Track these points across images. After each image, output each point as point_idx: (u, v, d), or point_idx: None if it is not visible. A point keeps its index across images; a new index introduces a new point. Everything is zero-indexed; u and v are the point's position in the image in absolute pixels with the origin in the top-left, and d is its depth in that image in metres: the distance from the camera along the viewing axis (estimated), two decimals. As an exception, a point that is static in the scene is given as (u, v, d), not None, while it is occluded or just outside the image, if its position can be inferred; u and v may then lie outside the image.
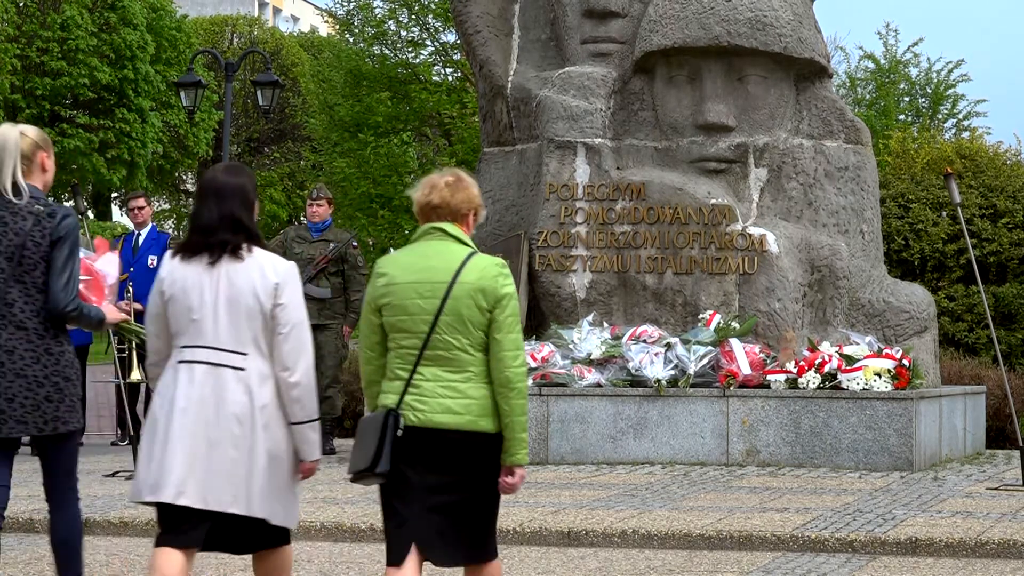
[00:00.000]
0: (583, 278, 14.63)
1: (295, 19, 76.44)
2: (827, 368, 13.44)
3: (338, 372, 15.17)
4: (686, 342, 13.90)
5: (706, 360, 13.75)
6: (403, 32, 34.66)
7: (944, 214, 20.92)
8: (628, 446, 13.67)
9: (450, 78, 35.20)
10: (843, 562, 9.42)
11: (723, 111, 14.62)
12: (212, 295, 6.25)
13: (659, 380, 13.62)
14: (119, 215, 51.58)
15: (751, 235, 14.35)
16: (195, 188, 14.91)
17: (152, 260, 15.13)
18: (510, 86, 15.32)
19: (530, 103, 15.05)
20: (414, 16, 34.19)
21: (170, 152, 44.61)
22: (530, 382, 13.22)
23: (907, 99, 38.92)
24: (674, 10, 14.52)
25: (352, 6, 34.94)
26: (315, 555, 9.57)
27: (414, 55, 34.75)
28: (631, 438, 13.66)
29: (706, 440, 13.58)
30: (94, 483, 12.33)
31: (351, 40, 35.68)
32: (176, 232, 50.84)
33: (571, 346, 14.07)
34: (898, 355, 13.60)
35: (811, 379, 13.43)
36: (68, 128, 39.23)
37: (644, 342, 13.96)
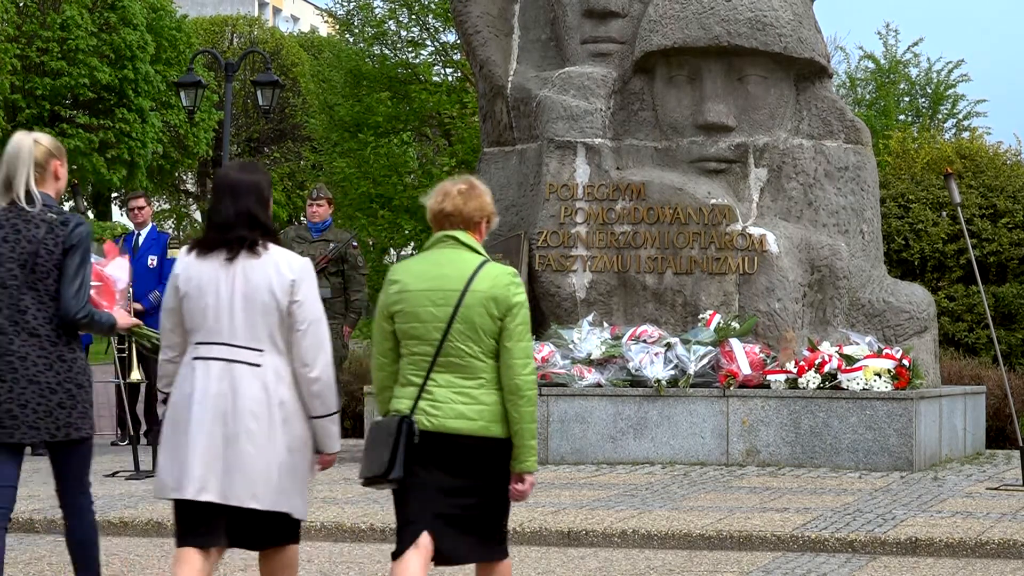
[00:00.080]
0: (583, 278, 14.63)
1: (295, 19, 76.43)
2: (827, 368, 13.44)
3: (338, 372, 15.16)
4: (686, 342, 13.90)
5: (706, 360, 13.75)
6: (403, 32, 34.61)
7: (944, 214, 20.92)
8: (628, 446, 13.67)
9: (450, 78, 35.16)
10: (843, 562, 9.41)
11: (723, 111, 14.62)
12: (228, 292, 6.26)
13: (659, 380, 13.62)
14: (119, 215, 51.54)
15: (751, 235, 14.35)
16: (211, 186, 14.90)
17: (152, 260, 15.13)
18: (510, 86, 15.32)
19: (530, 103, 15.05)
20: (414, 16, 34.15)
21: (170, 152, 44.56)
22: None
23: (907, 99, 38.90)
24: (674, 10, 14.52)
25: (352, 6, 34.90)
26: (315, 555, 9.55)
27: (414, 55, 34.71)
28: (631, 438, 13.66)
29: (706, 440, 13.58)
30: (94, 483, 12.26)
31: (351, 40, 35.63)
32: (176, 232, 50.82)
33: (571, 346, 14.07)
34: (898, 355, 13.60)
35: (811, 379, 13.43)
36: (68, 128, 39.17)
37: (644, 342, 13.97)
